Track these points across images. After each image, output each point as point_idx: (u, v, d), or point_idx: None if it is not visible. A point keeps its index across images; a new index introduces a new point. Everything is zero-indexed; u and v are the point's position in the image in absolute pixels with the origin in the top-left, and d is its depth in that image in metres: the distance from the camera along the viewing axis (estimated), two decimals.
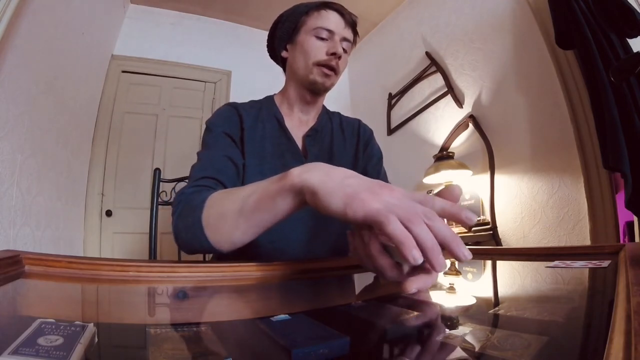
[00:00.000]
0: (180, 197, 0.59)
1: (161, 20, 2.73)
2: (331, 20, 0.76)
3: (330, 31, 0.75)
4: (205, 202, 0.52)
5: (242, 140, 0.75)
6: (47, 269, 0.39)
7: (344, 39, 0.77)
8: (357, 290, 0.50)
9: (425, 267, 0.34)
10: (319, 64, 0.75)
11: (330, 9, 0.77)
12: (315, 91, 0.78)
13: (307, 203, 0.40)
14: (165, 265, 0.44)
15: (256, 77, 2.81)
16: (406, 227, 0.30)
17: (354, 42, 0.82)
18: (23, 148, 1.42)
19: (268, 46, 0.88)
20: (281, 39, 0.82)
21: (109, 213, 2.34)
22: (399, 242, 0.29)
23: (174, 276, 0.44)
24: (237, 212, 0.47)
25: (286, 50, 0.82)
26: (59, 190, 1.77)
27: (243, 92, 2.64)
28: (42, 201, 1.57)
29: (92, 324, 0.21)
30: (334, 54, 0.74)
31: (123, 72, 2.53)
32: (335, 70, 0.76)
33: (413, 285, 0.32)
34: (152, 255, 1.14)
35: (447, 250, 0.31)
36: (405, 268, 0.35)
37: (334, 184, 0.36)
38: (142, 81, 2.60)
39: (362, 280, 0.54)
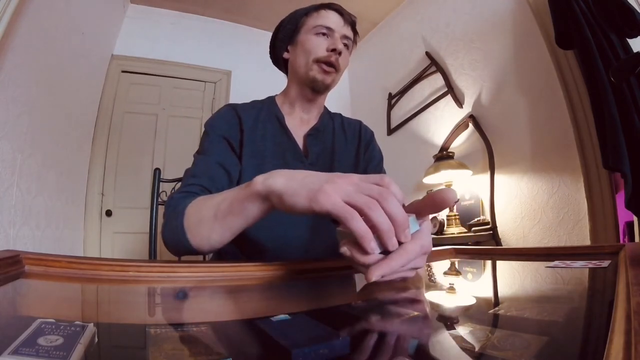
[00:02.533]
0: (169, 202, 0.62)
1: (161, 20, 2.73)
2: (330, 18, 0.77)
3: (329, 29, 0.77)
4: (186, 209, 0.56)
5: (241, 143, 0.75)
6: (47, 269, 0.39)
7: (344, 37, 0.78)
8: (357, 290, 0.50)
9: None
10: (319, 61, 0.75)
11: (329, 9, 0.79)
12: (316, 89, 0.78)
13: (274, 208, 0.44)
14: (165, 265, 0.44)
15: (256, 77, 2.80)
16: (365, 213, 0.34)
17: (355, 42, 0.83)
18: (23, 148, 1.42)
19: (270, 52, 0.88)
20: (283, 41, 0.83)
21: (109, 213, 2.34)
22: (359, 236, 0.34)
23: (174, 276, 0.44)
24: (212, 218, 0.50)
25: (287, 51, 0.83)
26: (59, 190, 1.77)
27: (243, 92, 2.64)
28: (42, 201, 1.57)
29: (92, 324, 0.21)
30: (334, 49, 0.75)
31: (123, 72, 2.53)
32: (335, 67, 0.76)
33: (375, 272, 0.34)
34: (152, 255, 1.14)
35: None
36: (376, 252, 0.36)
37: (297, 184, 0.39)
38: (142, 81, 2.60)
39: (362, 280, 0.54)
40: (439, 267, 0.62)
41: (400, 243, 0.36)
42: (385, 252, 0.36)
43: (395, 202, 0.35)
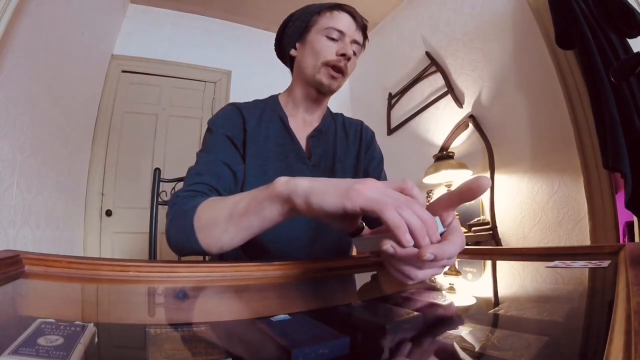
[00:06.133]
0: (175, 200, 0.60)
1: (161, 20, 2.73)
2: (343, 21, 0.76)
3: (341, 32, 0.75)
4: (198, 207, 0.54)
5: (244, 143, 0.74)
6: (47, 269, 0.39)
7: (354, 42, 0.77)
8: (357, 290, 0.51)
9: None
10: (328, 64, 0.74)
11: (342, 11, 0.77)
12: (322, 91, 0.78)
13: (294, 211, 0.43)
14: (165, 265, 0.44)
15: (256, 77, 2.81)
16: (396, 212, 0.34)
17: (363, 46, 0.82)
18: (23, 147, 1.42)
19: (276, 45, 0.87)
20: (291, 38, 0.81)
21: (109, 213, 2.34)
22: (395, 226, 0.33)
23: (174, 276, 0.44)
24: (227, 217, 0.49)
25: (295, 49, 0.82)
26: (58, 190, 1.77)
27: (243, 91, 2.64)
28: (42, 201, 1.57)
29: (92, 324, 0.21)
30: (343, 55, 0.74)
31: (123, 71, 2.53)
32: (342, 72, 0.75)
33: (427, 250, 0.34)
34: (152, 255, 1.14)
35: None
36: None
37: (323, 184, 0.40)
38: (142, 81, 2.60)
39: (362, 280, 0.54)
40: None
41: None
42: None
43: (421, 207, 0.36)
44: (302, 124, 0.82)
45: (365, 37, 0.81)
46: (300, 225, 0.73)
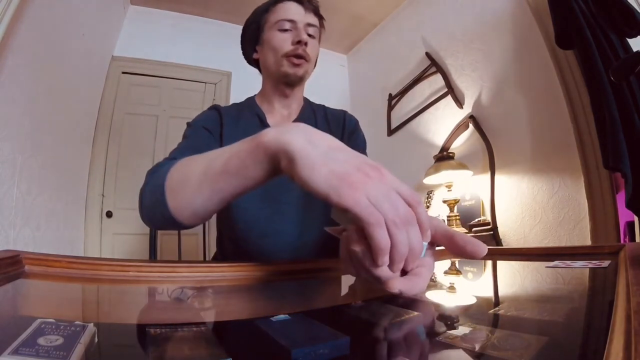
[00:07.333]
0: (153, 167, 0.58)
1: (161, 22, 2.73)
2: (290, 10, 0.77)
3: (291, 21, 0.76)
4: (173, 167, 0.48)
5: (221, 137, 0.76)
6: (47, 269, 0.39)
7: (309, 25, 0.78)
8: (357, 290, 0.50)
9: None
10: (287, 55, 0.75)
11: (287, 0, 0.78)
12: (290, 83, 0.79)
13: (281, 170, 0.35)
14: (165, 265, 0.44)
15: (256, 78, 2.78)
16: (388, 228, 0.28)
17: (322, 26, 0.82)
18: (23, 149, 1.42)
19: (243, 54, 0.89)
20: (250, 43, 0.83)
21: (109, 214, 2.34)
22: (378, 248, 0.28)
23: (174, 276, 0.44)
24: (201, 174, 0.41)
25: (257, 51, 0.83)
26: (59, 191, 1.77)
27: (243, 93, 2.62)
28: (42, 202, 1.57)
29: (92, 324, 0.21)
30: (299, 42, 0.74)
31: (123, 73, 2.53)
32: (304, 58, 0.76)
33: (397, 285, 0.29)
34: (152, 257, 1.14)
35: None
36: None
37: (318, 154, 0.31)
38: (142, 82, 2.60)
39: (361, 281, 0.54)
40: (440, 267, 0.62)
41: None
42: None
43: (417, 231, 0.30)
44: (280, 119, 0.83)
45: (319, 17, 0.81)
46: (288, 218, 0.75)
